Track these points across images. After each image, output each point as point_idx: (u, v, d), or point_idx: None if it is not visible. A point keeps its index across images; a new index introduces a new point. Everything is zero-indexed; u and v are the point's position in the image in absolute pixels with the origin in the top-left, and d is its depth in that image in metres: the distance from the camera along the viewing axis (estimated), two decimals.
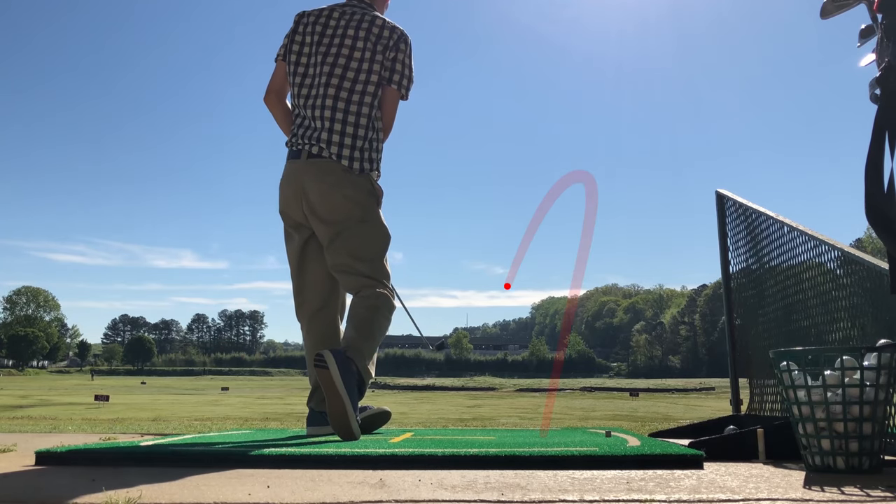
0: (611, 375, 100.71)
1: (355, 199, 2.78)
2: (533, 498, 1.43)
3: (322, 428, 2.82)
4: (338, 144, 2.78)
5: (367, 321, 2.70)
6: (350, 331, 2.69)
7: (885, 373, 1.83)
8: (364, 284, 2.77)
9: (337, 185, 2.76)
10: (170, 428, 4.28)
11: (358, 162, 2.79)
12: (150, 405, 10.35)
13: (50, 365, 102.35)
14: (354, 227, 2.79)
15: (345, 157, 2.78)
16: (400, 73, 2.87)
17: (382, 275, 2.83)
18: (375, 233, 2.84)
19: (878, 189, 1.76)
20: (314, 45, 2.90)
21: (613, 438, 2.57)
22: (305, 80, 2.87)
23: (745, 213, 3.29)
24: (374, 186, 2.87)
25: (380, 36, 2.86)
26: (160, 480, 1.67)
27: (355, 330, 2.68)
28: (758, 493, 1.49)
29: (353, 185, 2.78)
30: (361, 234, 2.80)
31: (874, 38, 2.01)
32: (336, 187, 2.76)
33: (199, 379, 66.83)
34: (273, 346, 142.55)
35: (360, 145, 2.80)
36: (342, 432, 2.48)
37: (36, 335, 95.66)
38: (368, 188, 2.83)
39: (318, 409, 2.85)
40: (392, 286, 2.89)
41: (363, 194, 2.81)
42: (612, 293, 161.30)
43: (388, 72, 2.86)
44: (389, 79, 2.86)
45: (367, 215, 2.81)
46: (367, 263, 2.79)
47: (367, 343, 2.67)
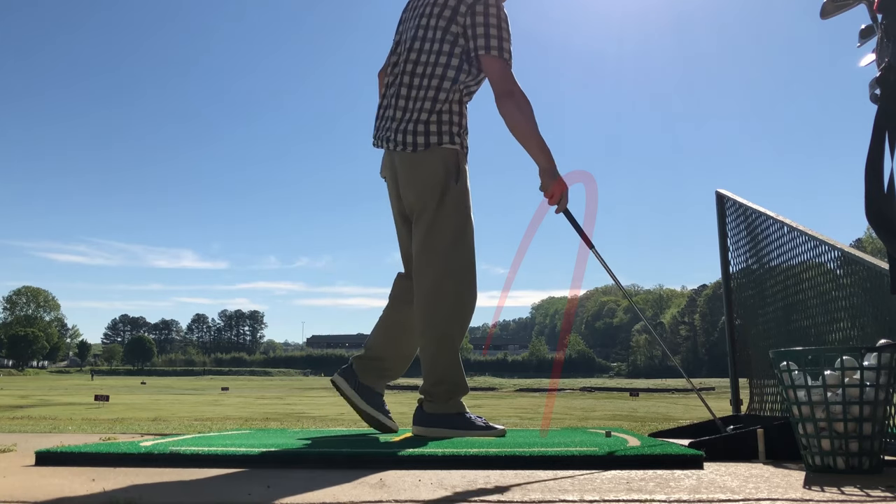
0: (611, 375, 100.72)
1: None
2: (533, 498, 1.43)
3: (347, 387, 2.85)
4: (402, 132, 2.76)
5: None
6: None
7: (885, 373, 1.83)
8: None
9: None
10: (170, 428, 4.28)
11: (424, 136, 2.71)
12: (150, 405, 10.34)
13: (50, 365, 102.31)
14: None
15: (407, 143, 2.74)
16: (485, 35, 2.64)
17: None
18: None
19: (878, 189, 1.76)
20: (399, 39, 2.88)
21: (613, 438, 2.57)
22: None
23: (745, 213, 3.29)
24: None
25: (446, 6, 2.69)
26: (160, 480, 1.67)
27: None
28: (758, 493, 1.49)
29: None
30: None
31: (874, 38, 2.01)
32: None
33: (199, 379, 66.81)
34: (273, 346, 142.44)
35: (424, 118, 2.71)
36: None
37: (36, 335, 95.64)
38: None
39: (356, 370, 2.90)
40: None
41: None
42: (612, 293, 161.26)
43: (472, 40, 2.66)
44: (475, 47, 2.66)
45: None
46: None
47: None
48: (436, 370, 2.73)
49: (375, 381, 2.90)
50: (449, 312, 2.73)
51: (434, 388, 2.73)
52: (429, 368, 2.75)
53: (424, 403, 2.76)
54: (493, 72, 2.65)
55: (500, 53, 2.64)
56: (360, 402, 2.81)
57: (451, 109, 2.73)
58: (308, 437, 2.71)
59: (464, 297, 2.75)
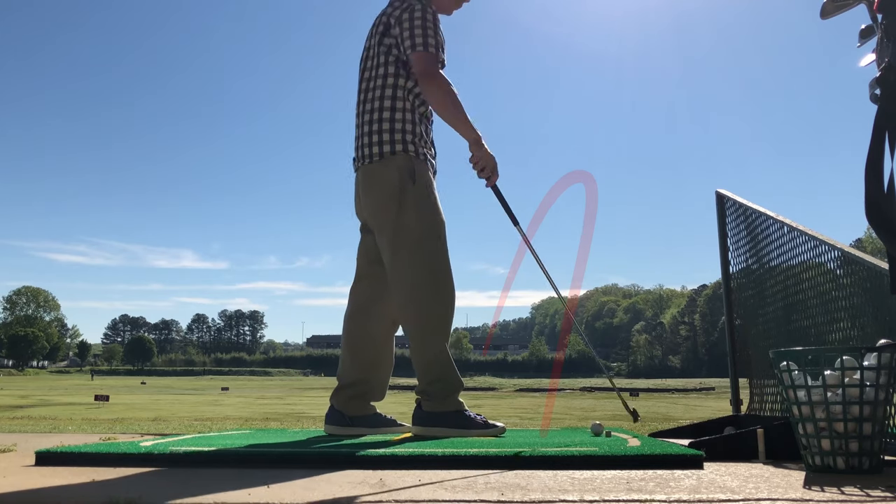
0: (611, 375, 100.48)
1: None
2: (533, 498, 1.43)
3: (341, 428, 2.85)
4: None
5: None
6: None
7: (885, 373, 1.83)
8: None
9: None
10: (170, 428, 4.28)
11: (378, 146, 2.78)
12: (150, 405, 10.33)
13: (50, 365, 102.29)
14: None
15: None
16: (410, 36, 2.75)
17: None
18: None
19: (878, 189, 1.76)
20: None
21: (613, 438, 2.57)
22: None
23: (745, 213, 3.29)
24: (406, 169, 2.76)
25: (380, 23, 2.84)
26: (160, 480, 1.67)
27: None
28: (758, 493, 1.49)
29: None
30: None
31: (874, 38, 2.01)
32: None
33: (199, 379, 66.78)
34: (273, 346, 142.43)
35: (379, 128, 2.80)
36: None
37: (36, 335, 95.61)
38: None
39: (339, 408, 2.88)
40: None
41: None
42: (612, 293, 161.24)
43: (402, 45, 2.78)
44: (404, 49, 2.77)
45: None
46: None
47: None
48: (430, 369, 2.74)
49: (362, 407, 2.92)
50: (432, 310, 2.74)
51: (430, 386, 2.74)
52: (423, 368, 2.75)
53: (423, 403, 2.77)
54: (416, 63, 2.75)
55: (424, 48, 2.73)
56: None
57: (404, 118, 2.79)
58: (308, 437, 2.71)
59: (443, 293, 2.76)
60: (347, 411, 2.88)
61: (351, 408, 2.89)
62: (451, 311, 2.79)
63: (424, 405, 2.76)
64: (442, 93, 2.71)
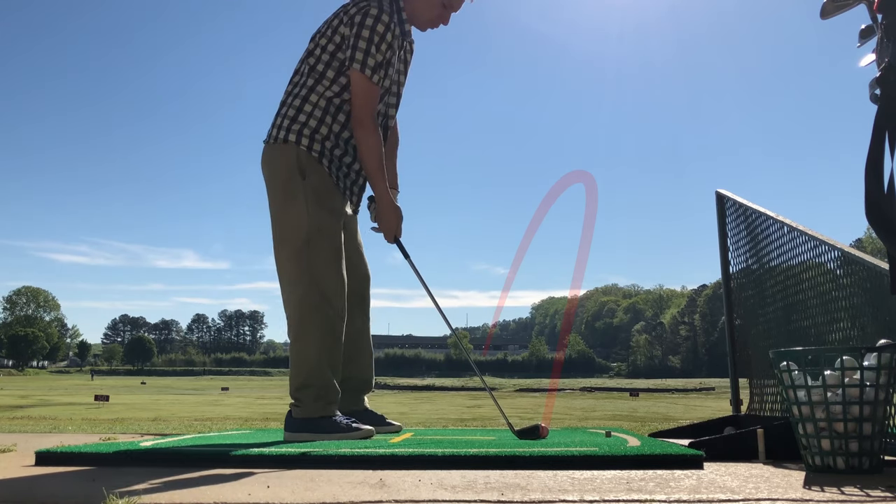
0: (611, 375, 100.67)
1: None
2: (533, 498, 1.43)
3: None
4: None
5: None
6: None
7: (885, 373, 1.83)
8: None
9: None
10: (170, 428, 4.28)
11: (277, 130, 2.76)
12: (150, 405, 10.35)
13: (50, 365, 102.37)
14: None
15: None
16: (353, 46, 2.68)
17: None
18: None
19: (878, 189, 1.76)
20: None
21: (613, 438, 2.57)
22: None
23: (745, 214, 3.29)
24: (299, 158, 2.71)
25: (344, 13, 2.74)
26: (160, 480, 1.67)
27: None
28: (758, 493, 1.49)
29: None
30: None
31: (874, 38, 2.01)
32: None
33: (199, 379, 66.82)
34: (273, 346, 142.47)
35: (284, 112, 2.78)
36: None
37: (36, 335, 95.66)
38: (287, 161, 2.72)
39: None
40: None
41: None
42: (612, 293, 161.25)
43: (347, 50, 2.70)
44: (346, 57, 2.70)
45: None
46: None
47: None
48: (299, 374, 2.65)
49: (353, 403, 2.88)
50: (305, 313, 2.64)
51: (298, 392, 2.65)
52: (293, 373, 2.67)
53: (293, 409, 2.67)
54: (354, 93, 2.71)
55: (361, 68, 2.67)
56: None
57: (313, 113, 2.74)
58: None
59: (313, 299, 2.63)
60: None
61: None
62: (327, 319, 2.64)
63: (294, 411, 2.66)
64: (365, 146, 2.71)
